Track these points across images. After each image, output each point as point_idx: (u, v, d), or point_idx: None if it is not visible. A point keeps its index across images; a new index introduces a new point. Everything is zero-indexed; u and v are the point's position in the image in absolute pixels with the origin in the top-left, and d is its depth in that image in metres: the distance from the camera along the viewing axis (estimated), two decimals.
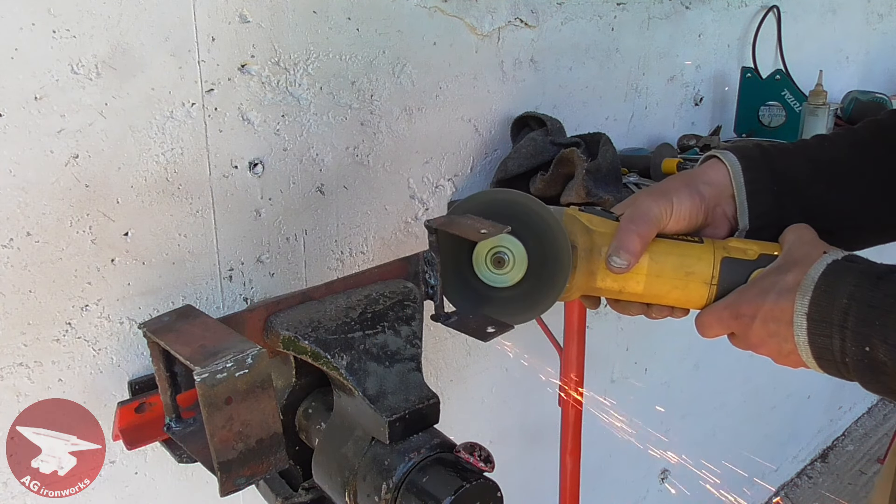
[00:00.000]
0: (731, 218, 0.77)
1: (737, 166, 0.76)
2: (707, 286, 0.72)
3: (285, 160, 1.05)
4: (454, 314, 0.81)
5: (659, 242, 0.73)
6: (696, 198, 0.74)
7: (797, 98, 1.80)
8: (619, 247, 0.71)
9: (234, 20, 0.95)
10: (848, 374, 0.64)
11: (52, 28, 0.81)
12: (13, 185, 0.82)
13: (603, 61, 1.53)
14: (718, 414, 2.30)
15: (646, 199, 0.73)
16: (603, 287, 0.74)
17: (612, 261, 0.71)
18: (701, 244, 0.73)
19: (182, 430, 0.79)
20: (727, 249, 0.72)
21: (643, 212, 0.72)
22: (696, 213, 0.75)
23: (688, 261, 0.72)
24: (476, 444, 0.72)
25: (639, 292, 0.74)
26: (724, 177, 0.76)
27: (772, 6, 1.94)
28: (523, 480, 1.66)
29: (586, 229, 0.73)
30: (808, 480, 2.87)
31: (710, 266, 0.72)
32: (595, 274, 0.73)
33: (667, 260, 0.72)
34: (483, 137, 1.31)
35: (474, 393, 1.48)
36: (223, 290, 1.03)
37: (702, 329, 0.73)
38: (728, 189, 0.76)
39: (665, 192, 0.74)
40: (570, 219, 0.73)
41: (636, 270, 0.72)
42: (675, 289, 0.73)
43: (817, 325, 0.63)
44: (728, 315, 0.70)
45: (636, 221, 0.71)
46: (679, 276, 0.72)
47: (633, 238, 0.71)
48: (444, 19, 1.21)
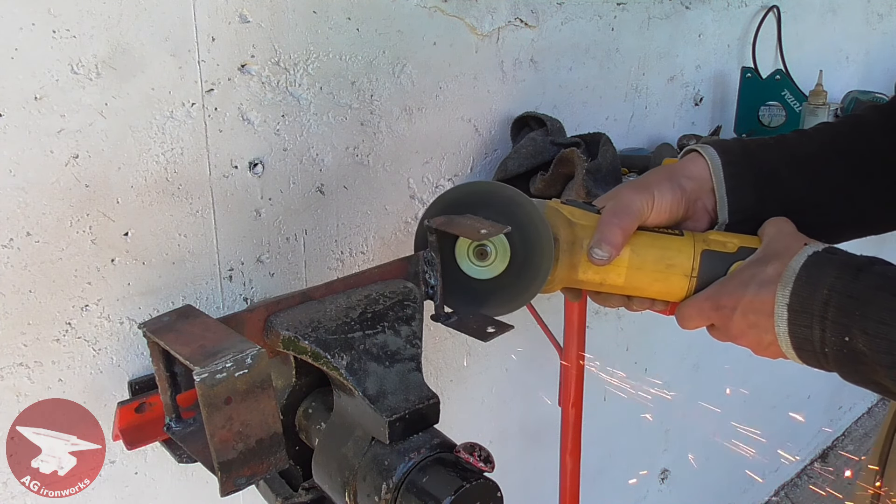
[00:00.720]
0: (711, 211, 0.78)
1: (717, 161, 0.76)
2: (687, 278, 0.73)
3: (285, 160, 1.05)
4: (454, 314, 0.81)
5: (640, 235, 0.74)
6: (677, 191, 0.75)
7: (797, 98, 1.80)
8: (601, 239, 0.71)
9: (234, 20, 0.95)
10: (827, 364, 0.65)
11: (52, 28, 0.81)
12: (13, 185, 0.82)
13: (603, 61, 1.53)
14: (718, 414, 2.30)
15: (628, 193, 0.74)
16: (584, 279, 0.74)
17: (594, 253, 0.71)
18: (681, 237, 0.74)
19: (182, 430, 0.79)
20: (707, 242, 0.73)
21: (625, 205, 0.73)
22: (677, 207, 0.76)
23: (668, 253, 0.73)
24: (476, 444, 0.72)
25: (620, 284, 0.74)
26: (704, 171, 0.77)
27: (772, 6, 1.94)
28: (523, 480, 1.66)
29: (568, 222, 0.73)
30: (808, 480, 2.87)
31: (690, 259, 0.73)
32: (577, 266, 0.73)
33: (647, 253, 0.73)
34: (483, 137, 1.31)
35: (474, 393, 1.48)
36: (223, 290, 1.03)
37: (682, 321, 0.74)
38: (708, 183, 0.77)
39: (647, 185, 0.75)
40: (552, 212, 0.74)
41: (617, 263, 0.73)
42: (655, 281, 0.74)
43: (798, 315, 0.64)
44: (708, 307, 0.71)
45: (618, 214, 0.72)
46: (660, 269, 0.73)
47: (615, 231, 0.71)
48: (444, 19, 1.21)
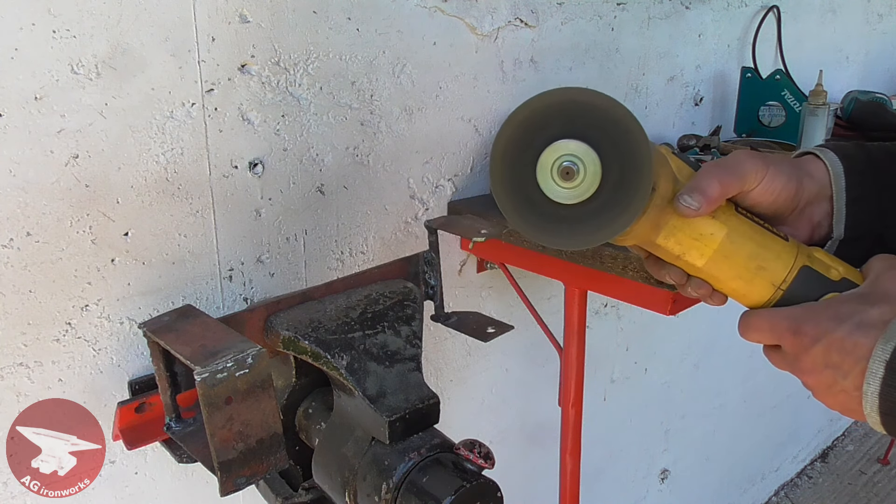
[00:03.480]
0: (818, 225, 0.69)
1: (838, 167, 0.68)
2: (773, 288, 0.64)
3: (285, 160, 1.05)
4: (454, 314, 0.81)
5: (742, 221, 0.64)
6: (793, 182, 0.66)
7: (797, 98, 1.80)
8: (695, 187, 0.62)
9: (234, 20, 0.95)
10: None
11: (52, 28, 0.81)
12: (13, 185, 0.82)
13: (603, 61, 1.53)
14: (718, 414, 2.30)
15: (742, 155, 0.65)
16: (662, 245, 0.65)
17: (683, 199, 0.61)
18: (785, 241, 0.65)
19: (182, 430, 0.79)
20: (811, 259, 0.64)
21: (735, 163, 0.64)
22: (787, 198, 0.66)
23: (765, 253, 0.64)
24: (476, 441, 0.72)
25: (697, 266, 0.65)
26: (824, 175, 0.68)
27: (772, 6, 1.94)
28: (523, 480, 1.66)
29: (672, 176, 0.64)
30: (808, 480, 2.87)
31: (786, 269, 0.64)
32: (661, 228, 0.64)
33: (743, 244, 0.64)
34: (483, 137, 1.31)
35: (474, 393, 1.48)
36: (223, 290, 1.03)
37: (745, 329, 0.65)
38: (827, 190, 0.68)
39: (765, 158, 0.66)
40: (660, 158, 0.63)
41: (706, 241, 0.63)
42: (738, 277, 0.65)
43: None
44: (785, 326, 0.62)
45: (723, 168, 0.63)
46: (749, 268, 0.64)
47: (713, 182, 0.62)
48: (444, 19, 1.21)
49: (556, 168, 0.61)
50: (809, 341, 0.60)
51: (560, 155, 0.60)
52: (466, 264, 1.36)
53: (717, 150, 1.59)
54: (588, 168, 0.60)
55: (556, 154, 0.60)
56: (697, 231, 0.63)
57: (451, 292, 1.34)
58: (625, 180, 0.60)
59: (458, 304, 1.34)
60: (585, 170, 0.60)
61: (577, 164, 0.60)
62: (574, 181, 0.60)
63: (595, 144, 0.60)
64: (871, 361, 0.56)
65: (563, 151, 0.60)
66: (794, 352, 0.62)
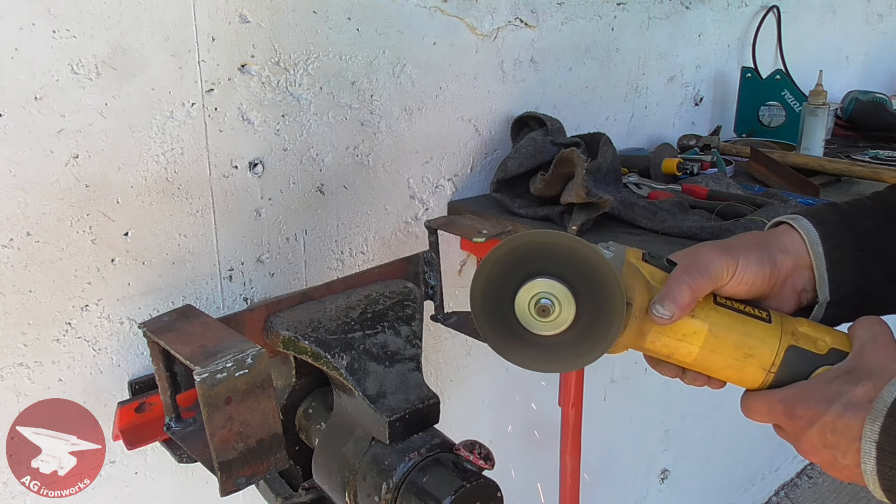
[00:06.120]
0: (802, 292, 0.70)
1: (814, 235, 0.68)
2: (765, 372, 0.65)
3: (285, 160, 1.05)
4: (454, 314, 0.81)
5: (721, 313, 0.66)
6: (765, 265, 0.67)
7: (797, 98, 1.80)
8: (666, 296, 0.63)
9: (234, 20, 0.95)
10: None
11: (52, 28, 0.81)
12: (13, 185, 0.82)
13: (603, 61, 1.53)
14: (718, 414, 2.30)
15: (709, 252, 0.66)
16: (651, 349, 0.67)
17: (655, 309, 0.63)
18: (768, 324, 0.66)
19: (182, 430, 0.79)
20: (795, 336, 0.65)
21: (702, 264, 0.65)
22: (762, 282, 0.67)
23: (750, 342, 0.65)
24: (476, 441, 0.72)
25: (688, 362, 0.67)
26: (800, 246, 0.69)
27: (772, 6, 1.94)
28: (523, 480, 1.66)
29: (646, 285, 0.66)
30: (808, 480, 2.87)
31: (773, 352, 0.65)
32: (646, 334, 0.66)
33: (727, 336, 0.65)
34: (483, 137, 1.31)
35: (474, 393, 1.48)
36: (223, 290, 1.03)
37: (747, 411, 0.67)
38: (805, 259, 0.68)
39: (732, 248, 0.66)
40: (631, 270, 0.66)
41: (691, 340, 0.65)
42: (728, 367, 0.66)
43: (888, 455, 0.56)
44: (781, 410, 0.63)
45: (691, 272, 0.64)
46: (737, 357, 0.66)
47: (684, 289, 0.63)
48: (444, 19, 1.21)
49: (532, 304, 0.65)
50: (805, 424, 0.62)
51: (536, 292, 0.65)
52: (466, 264, 1.36)
53: (716, 151, 1.59)
54: (563, 303, 0.64)
55: (532, 292, 0.65)
56: (680, 332, 0.65)
57: (451, 292, 1.33)
58: (597, 313, 0.64)
59: (458, 304, 1.34)
60: (560, 305, 0.64)
61: (551, 300, 0.64)
62: (550, 316, 0.65)
63: (567, 281, 0.64)
64: (863, 442, 0.57)
65: (538, 289, 0.64)
66: (793, 433, 0.64)
